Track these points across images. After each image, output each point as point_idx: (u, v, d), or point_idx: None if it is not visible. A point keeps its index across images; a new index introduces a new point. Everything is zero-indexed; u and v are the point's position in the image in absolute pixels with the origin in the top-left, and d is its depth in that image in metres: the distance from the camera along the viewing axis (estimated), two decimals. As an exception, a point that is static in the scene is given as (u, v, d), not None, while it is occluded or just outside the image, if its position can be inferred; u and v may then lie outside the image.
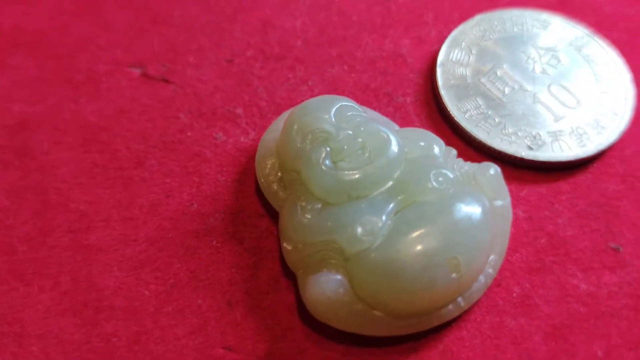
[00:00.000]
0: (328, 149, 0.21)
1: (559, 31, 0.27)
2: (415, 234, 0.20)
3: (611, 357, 0.21)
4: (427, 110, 0.26)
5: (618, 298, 0.22)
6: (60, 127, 0.25)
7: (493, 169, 0.22)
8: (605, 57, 0.26)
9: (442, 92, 0.25)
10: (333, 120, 0.22)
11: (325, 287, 0.20)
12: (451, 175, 0.21)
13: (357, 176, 0.21)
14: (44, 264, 0.22)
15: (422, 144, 0.22)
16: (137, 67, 0.26)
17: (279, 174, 0.23)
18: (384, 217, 0.20)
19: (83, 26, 0.27)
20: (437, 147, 0.23)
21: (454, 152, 0.23)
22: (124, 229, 0.23)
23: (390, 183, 0.21)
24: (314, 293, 0.20)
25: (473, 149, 0.24)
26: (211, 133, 0.25)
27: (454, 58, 0.26)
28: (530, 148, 0.24)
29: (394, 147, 0.22)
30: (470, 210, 0.21)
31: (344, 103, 0.23)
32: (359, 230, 0.20)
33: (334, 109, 0.22)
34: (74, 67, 0.26)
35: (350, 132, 0.22)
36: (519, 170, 0.24)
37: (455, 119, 0.25)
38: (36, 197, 0.24)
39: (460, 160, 0.23)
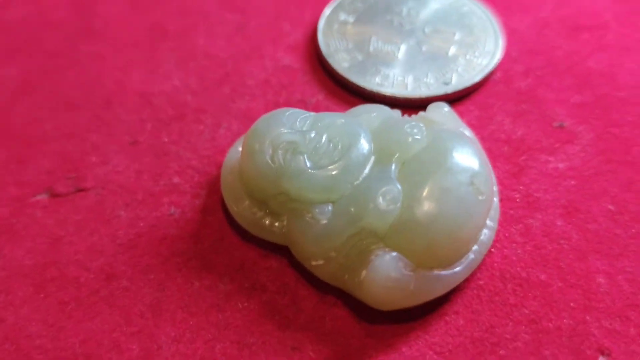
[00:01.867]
0: (304, 155, 0.21)
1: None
2: (430, 181, 0.20)
3: (620, 206, 0.23)
4: (342, 98, 0.26)
5: (591, 159, 0.24)
6: (-3, 288, 0.21)
7: (446, 107, 0.23)
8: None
9: (346, 76, 0.26)
10: (291, 130, 0.22)
11: (387, 268, 0.19)
12: (421, 124, 0.22)
13: (344, 166, 0.21)
14: None
15: (374, 114, 0.23)
16: (41, 193, 0.23)
17: (260, 211, 0.22)
18: (396, 182, 0.20)
19: (-46, 183, 0.24)
20: (387, 111, 0.23)
21: (399, 112, 0.24)
22: (139, 343, 0.20)
23: (373, 157, 0.21)
24: (378, 281, 0.19)
25: (403, 108, 0.25)
26: (164, 213, 0.23)
27: (335, 47, 0.27)
28: (446, 84, 0.26)
29: (357, 127, 0.22)
30: (457, 142, 0.21)
31: (288, 112, 0.22)
32: (382, 202, 0.20)
33: (284, 120, 0.22)
34: (-29, 226, 0.23)
35: (313, 133, 0.21)
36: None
37: (373, 91, 0.26)
38: (21, 368, 0.20)
39: (406, 115, 0.24)
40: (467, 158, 0.21)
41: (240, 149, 0.23)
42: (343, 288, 0.21)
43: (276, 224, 0.22)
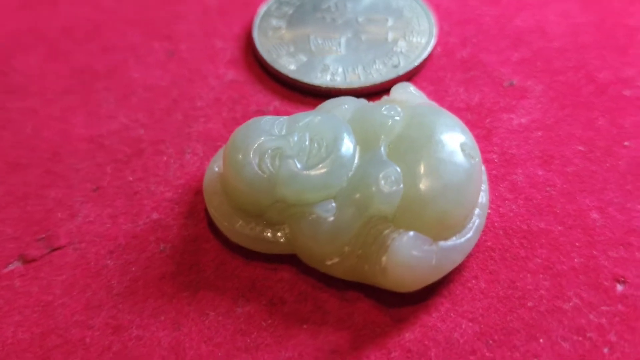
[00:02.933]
0: (294, 159, 0.20)
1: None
2: (424, 156, 0.20)
3: (588, 144, 0.24)
4: (298, 100, 0.26)
5: (548, 108, 0.25)
6: (-6, 374, 0.19)
7: (411, 86, 0.23)
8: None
9: (297, 78, 0.26)
10: (271, 136, 0.21)
11: (408, 248, 0.19)
12: (395, 105, 0.22)
13: (335, 160, 0.21)
14: None
15: (345, 106, 0.23)
16: (13, 262, 0.21)
17: (257, 226, 0.21)
18: (392, 164, 0.20)
19: None
20: (355, 100, 0.23)
21: (364, 100, 0.24)
22: (172, 389, 0.19)
23: (358, 147, 0.21)
24: (402, 262, 0.19)
25: (363, 97, 0.25)
26: (154, 252, 0.22)
27: (277, 53, 0.27)
28: (395, 66, 0.26)
29: (337, 121, 0.21)
30: (438, 114, 0.22)
31: (262, 120, 0.22)
32: (385, 185, 0.20)
33: (262, 128, 0.21)
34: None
35: (296, 136, 0.21)
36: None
37: (328, 87, 0.25)
38: None
39: (372, 102, 0.24)
40: (451, 128, 0.21)
41: (216, 169, 0.22)
42: (363, 280, 0.20)
43: (278, 234, 0.21)
